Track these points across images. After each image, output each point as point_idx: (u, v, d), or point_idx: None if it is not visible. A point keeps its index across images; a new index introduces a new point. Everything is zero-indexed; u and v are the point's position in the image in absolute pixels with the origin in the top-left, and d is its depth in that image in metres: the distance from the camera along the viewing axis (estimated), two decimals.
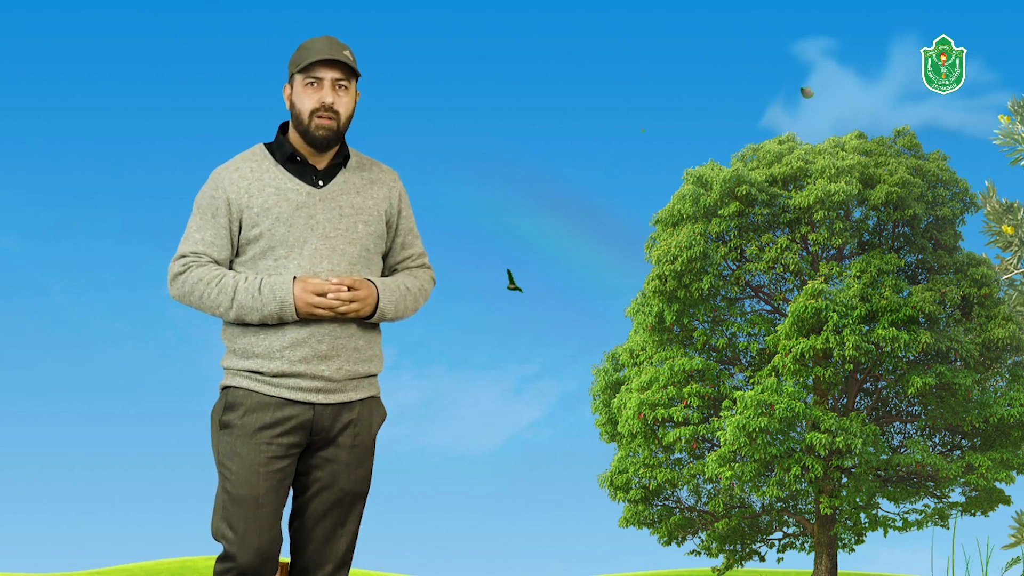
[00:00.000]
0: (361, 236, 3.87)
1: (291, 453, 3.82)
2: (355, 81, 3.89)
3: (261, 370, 3.80)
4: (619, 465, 24.47)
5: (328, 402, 3.83)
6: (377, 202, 3.92)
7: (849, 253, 24.47)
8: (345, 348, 3.83)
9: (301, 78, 3.84)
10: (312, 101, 3.82)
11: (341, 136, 3.87)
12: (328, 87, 3.83)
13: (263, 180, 3.85)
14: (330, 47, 3.83)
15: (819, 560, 23.83)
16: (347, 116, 3.86)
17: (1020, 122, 6.90)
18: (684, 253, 23.19)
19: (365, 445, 3.89)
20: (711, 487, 24.68)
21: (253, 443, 3.78)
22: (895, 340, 22.19)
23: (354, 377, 3.86)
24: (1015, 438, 23.42)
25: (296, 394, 3.80)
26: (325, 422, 3.83)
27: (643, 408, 23.31)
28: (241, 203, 3.83)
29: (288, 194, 3.84)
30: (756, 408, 21.98)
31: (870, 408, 24.23)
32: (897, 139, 25.39)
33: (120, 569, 34.90)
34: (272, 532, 3.81)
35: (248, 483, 3.77)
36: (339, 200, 3.87)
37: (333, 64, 3.83)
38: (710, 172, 24.08)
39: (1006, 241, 7.18)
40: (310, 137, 3.83)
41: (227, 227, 3.85)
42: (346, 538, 3.90)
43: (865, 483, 22.92)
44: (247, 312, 3.78)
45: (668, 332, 24.49)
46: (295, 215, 3.81)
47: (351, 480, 3.87)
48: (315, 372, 3.80)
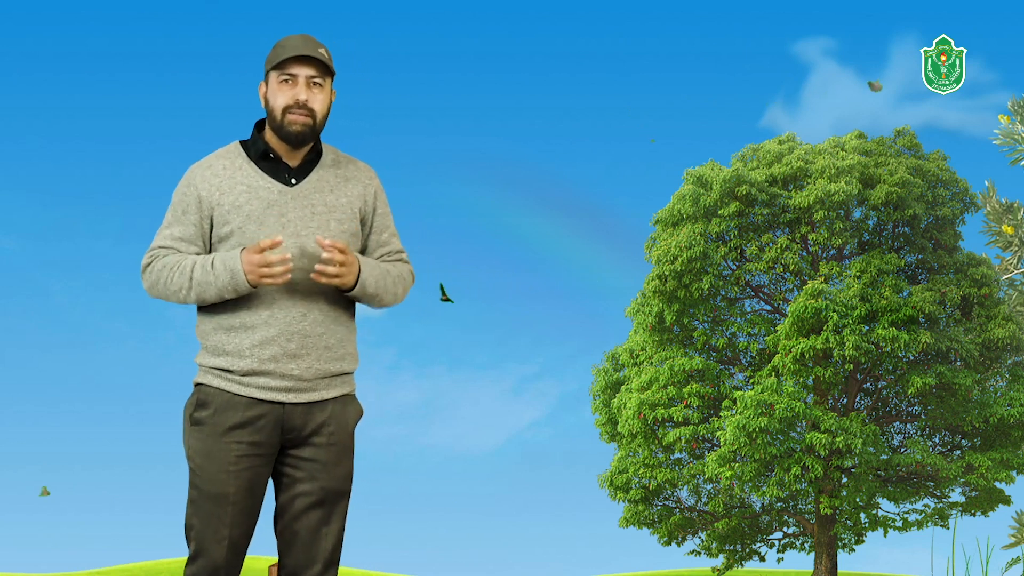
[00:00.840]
0: (334, 234, 3.83)
1: (263, 452, 3.80)
2: (330, 80, 3.87)
3: (231, 368, 3.79)
4: (619, 465, 24.47)
5: (299, 401, 3.80)
6: (351, 199, 3.90)
7: (849, 253, 24.47)
8: (315, 347, 3.80)
9: (276, 75, 3.82)
10: (286, 98, 3.80)
11: (316, 134, 3.85)
12: (302, 84, 3.81)
13: (235, 178, 3.84)
14: (305, 44, 3.81)
15: (819, 560, 23.83)
16: (322, 114, 3.84)
17: (1020, 122, 6.90)
18: (684, 253, 23.18)
19: (342, 443, 3.86)
20: (711, 487, 24.68)
21: (224, 442, 3.77)
22: (895, 340, 22.18)
23: (325, 376, 3.83)
24: (1015, 438, 23.42)
25: (266, 393, 3.78)
26: (296, 421, 3.81)
27: (643, 408, 23.31)
28: (212, 201, 3.82)
29: (260, 192, 3.82)
30: (756, 408, 21.98)
31: (870, 408, 24.22)
32: (897, 139, 25.38)
33: (120, 569, 34.90)
34: (242, 530, 3.80)
35: (218, 481, 3.76)
36: (312, 198, 3.84)
37: (307, 61, 3.81)
38: (710, 172, 24.08)
39: (1006, 241, 7.18)
40: (284, 133, 3.81)
41: (198, 224, 3.84)
42: (332, 537, 3.86)
43: (865, 483, 22.91)
44: (204, 288, 3.76)
45: (668, 332, 24.48)
46: (266, 213, 3.80)
47: (331, 479, 3.84)
48: (284, 371, 3.78)
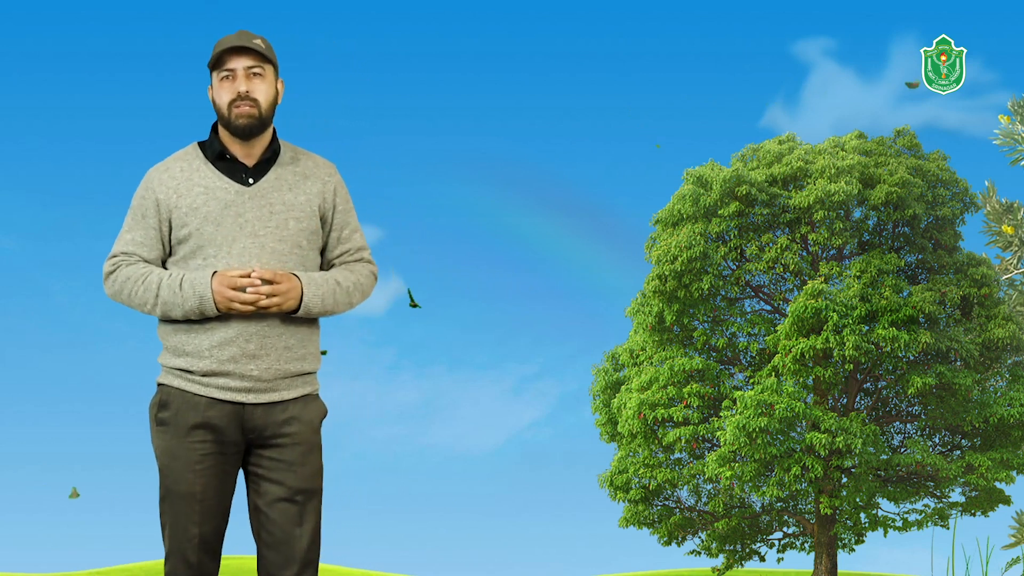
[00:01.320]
0: (292, 233, 3.82)
1: (228, 451, 3.81)
2: (272, 69, 3.86)
3: (191, 368, 3.79)
4: (619, 465, 24.46)
5: (258, 402, 3.80)
6: (310, 197, 3.88)
7: (849, 253, 24.46)
8: (275, 347, 3.79)
9: (216, 74, 3.83)
10: (228, 93, 3.81)
11: (265, 124, 3.84)
12: (242, 76, 3.81)
13: (192, 179, 3.84)
14: (239, 38, 3.83)
15: (819, 560, 23.83)
16: (267, 102, 3.83)
17: (1020, 122, 6.90)
18: (684, 253, 23.18)
19: (308, 442, 3.84)
20: (711, 487, 24.68)
21: (187, 442, 3.78)
22: (895, 340, 22.18)
23: (285, 376, 3.83)
24: (1015, 438, 23.41)
25: (225, 394, 3.79)
26: (257, 421, 3.81)
27: (643, 408, 23.30)
28: (170, 203, 3.83)
29: (216, 193, 3.81)
30: (756, 408, 21.98)
31: (870, 408, 24.22)
32: (897, 139, 25.37)
33: (120, 569, 34.90)
34: (212, 527, 3.81)
35: (185, 480, 3.78)
36: (269, 197, 3.83)
37: (243, 52, 3.81)
38: (710, 172, 24.07)
39: (1006, 241, 7.18)
40: (233, 128, 3.81)
41: (156, 227, 3.85)
42: (306, 537, 3.84)
43: (865, 483, 22.91)
44: (170, 308, 3.77)
45: (668, 332, 24.48)
46: (223, 214, 3.79)
47: (298, 478, 3.82)
48: (243, 371, 3.77)
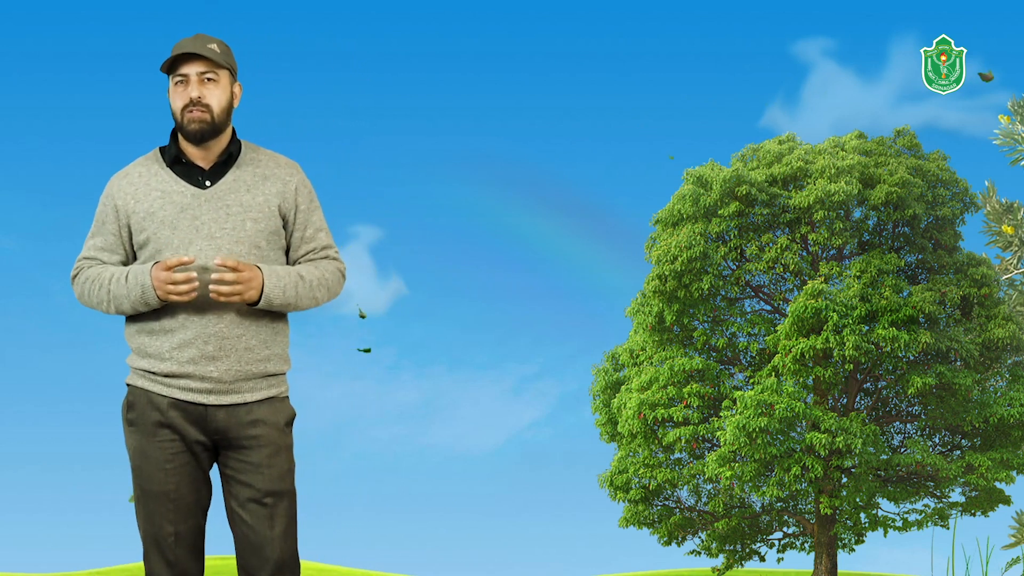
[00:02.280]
0: (250, 234, 3.81)
1: (195, 449, 3.81)
2: (226, 72, 3.85)
3: (153, 370, 3.80)
4: (619, 465, 24.46)
5: (220, 403, 3.79)
6: (268, 198, 3.86)
7: (849, 253, 24.46)
8: (235, 348, 3.78)
9: (171, 79, 3.83)
10: (181, 98, 3.81)
11: (218, 129, 3.83)
12: (194, 82, 3.80)
13: (150, 184, 3.84)
14: (193, 43, 3.81)
15: (819, 560, 23.83)
16: (220, 108, 3.82)
17: (1020, 122, 6.89)
18: (684, 253, 23.18)
19: (274, 443, 3.82)
20: (711, 487, 24.67)
21: (156, 441, 3.79)
22: (895, 340, 22.18)
23: (248, 378, 3.81)
24: (1015, 438, 23.41)
25: (187, 395, 3.79)
26: (220, 424, 3.80)
27: (643, 408, 23.30)
28: (128, 209, 3.84)
29: (173, 196, 3.81)
30: (756, 408, 21.97)
31: (870, 408, 24.21)
32: (897, 139, 25.37)
33: (120, 569, 34.89)
34: (188, 525, 3.82)
35: (158, 480, 3.79)
36: (226, 199, 3.82)
37: (195, 58, 3.80)
38: (710, 172, 24.07)
39: (1006, 241, 7.17)
40: (185, 132, 3.81)
41: (116, 233, 3.86)
42: (278, 541, 3.81)
43: (865, 483, 22.91)
44: (120, 301, 3.78)
45: (668, 332, 24.48)
46: (179, 217, 3.79)
47: (264, 480, 3.80)
48: (203, 373, 3.77)
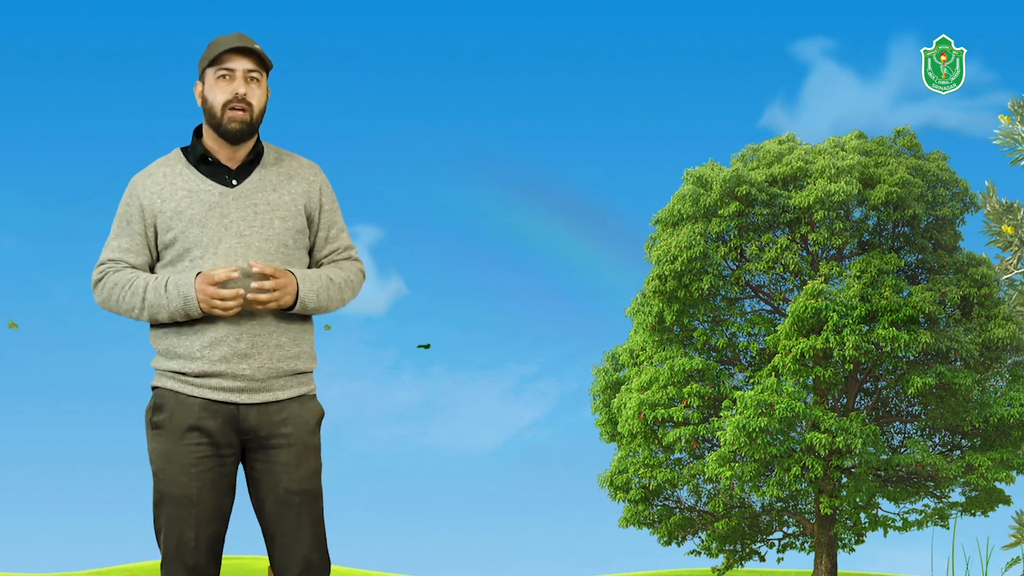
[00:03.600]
0: (278, 232, 3.79)
1: (224, 453, 3.77)
2: (266, 75, 3.83)
3: (183, 371, 3.77)
4: (619, 465, 24.46)
5: (252, 402, 3.77)
6: (295, 197, 3.85)
7: (849, 253, 24.46)
8: (266, 345, 3.76)
9: (213, 71, 3.79)
10: (225, 93, 3.77)
11: (254, 129, 3.81)
12: (240, 78, 3.77)
13: (175, 184, 3.81)
14: (240, 39, 3.79)
15: (819, 560, 23.82)
16: (259, 109, 3.80)
17: (1020, 122, 6.89)
18: (684, 253, 23.18)
19: (303, 443, 3.80)
20: (711, 487, 24.67)
21: (182, 444, 3.74)
22: (895, 340, 22.18)
23: (279, 375, 3.79)
24: (1015, 438, 23.41)
25: (219, 394, 3.75)
26: (252, 422, 3.77)
27: (643, 408, 23.30)
28: (154, 208, 3.80)
29: (200, 195, 3.79)
30: (756, 408, 21.97)
31: (870, 408, 24.21)
32: (897, 139, 25.37)
33: (120, 569, 34.89)
34: (209, 531, 3.77)
35: (180, 483, 3.74)
36: (253, 198, 3.80)
37: (245, 54, 3.77)
38: (710, 172, 24.07)
39: (1006, 241, 7.17)
40: (223, 130, 3.78)
41: (142, 233, 3.82)
42: (307, 540, 3.79)
43: (865, 483, 22.91)
44: (157, 311, 3.74)
45: (668, 332, 24.47)
46: (208, 216, 3.76)
47: (293, 480, 3.78)
48: (236, 371, 3.74)
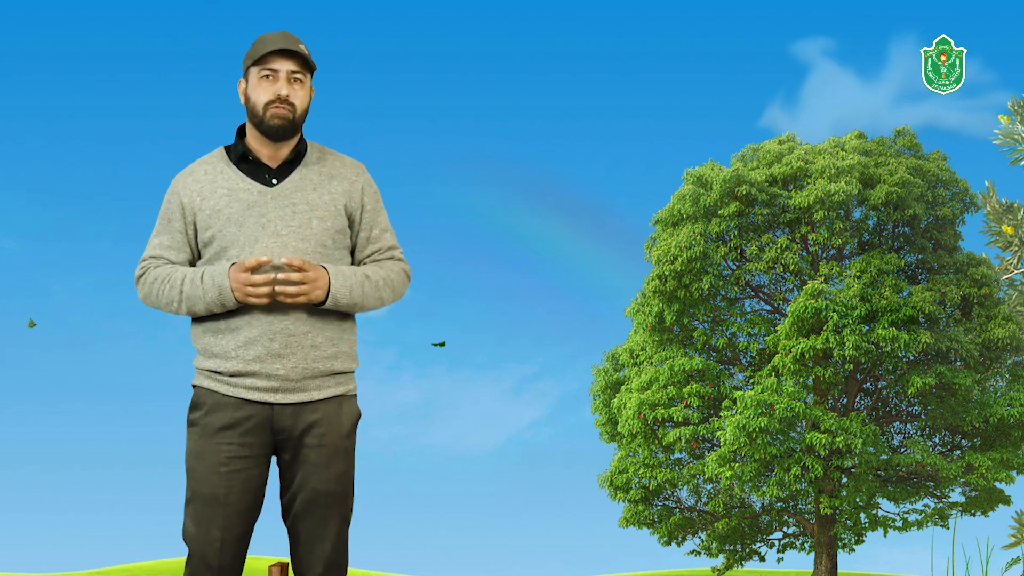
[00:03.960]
0: (316, 232, 3.80)
1: (256, 453, 3.79)
2: (310, 76, 3.85)
3: (219, 370, 3.79)
4: (619, 465, 24.46)
5: (287, 402, 3.77)
6: (335, 197, 3.86)
7: (849, 253, 24.46)
8: (301, 346, 3.76)
9: (256, 71, 3.81)
10: (267, 93, 3.79)
11: (297, 128, 3.83)
12: (283, 79, 3.79)
13: (216, 182, 3.84)
14: (285, 39, 3.80)
15: (819, 560, 23.82)
16: (302, 109, 3.82)
17: (1020, 122, 6.89)
18: (684, 253, 23.18)
19: (334, 445, 3.80)
20: (711, 487, 24.67)
21: (214, 443, 3.77)
22: (895, 340, 22.17)
23: (314, 376, 3.79)
24: (1015, 438, 23.41)
25: (253, 394, 3.77)
26: (286, 422, 3.78)
27: (643, 408, 23.30)
28: (194, 207, 3.83)
29: (240, 194, 3.81)
30: (756, 408, 21.97)
31: (870, 408, 24.21)
32: (897, 139, 25.37)
33: (120, 569, 34.89)
34: (236, 532, 3.78)
35: (209, 482, 3.76)
36: (292, 197, 3.82)
37: (288, 55, 3.79)
38: (710, 172, 24.07)
39: (1006, 241, 7.17)
40: (264, 128, 3.80)
41: (183, 231, 3.86)
42: (330, 540, 3.81)
43: (865, 483, 22.91)
44: (194, 302, 3.78)
45: (668, 332, 24.48)
46: (246, 215, 3.78)
47: (322, 481, 3.79)
48: (270, 371, 3.75)
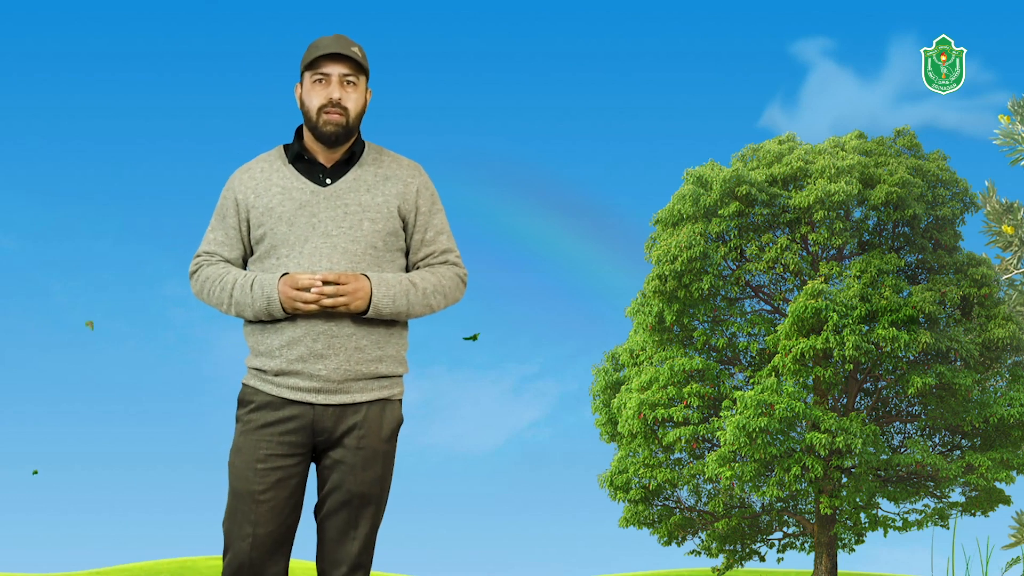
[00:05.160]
0: (367, 234, 3.81)
1: (296, 452, 3.80)
2: (364, 78, 3.86)
3: (264, 368, 3.81)
4: (619, 465, 24.46)
5: (328, 403, 3.79)
6: (388, 199, 3.86)
7: (849, 253, 24.46)
8: (344, 347, 3.77)
9: (309, 75, 3.83)
10: (320, 98, 3.81)
11: (351, 132, 3.85)
12: (336, 83, 3.81)
13: (271, 180, 3.86)
14: (337, 43, 3.82)
15: (819, 560, 23.82)
16: (356, 112, 3.83)
17: (1020, 122, 6.89)
18: (684, 253, 23.17)
19: (372, 448, 3.82)
20: (711, 487, 24.67)
21: (253, 439, 3.79)
22: (895, 340, 22.17)
23: (358, 378, 3.81)
24: (1015, 438, 23.41)
25: (295, 394, 3.78)
26: (327, 423, 3.80)
27: (643, 408, 23.30)
28: (248, 203, 3.86)
29: (293, 193, 3.83)
30: (756, 408, 21.97)
31: (870, 408, 24.21)
32: (897, 139, 25.37)
33: (120, 569, 34.89)
34: (270, 528, 3.79)
35: (245, 478, 3.78)
36: (345, 198, 3.83)
37: (340, 59, 3.81)
38: (710, 172, 24.06)
39: (1006, 241, 7.17)
40: (318, 133, 3.82)
41: (236, 227, 3.88)
42: (358, 541, 3.84)
43: (865, 483, 22.90)
44: (242, 308, 3.80)
45: (668, 332, 24.48)
46: (297, 214, 3.80)
47: (357, 483, 3.81)
48: (312, 371, 3.76)
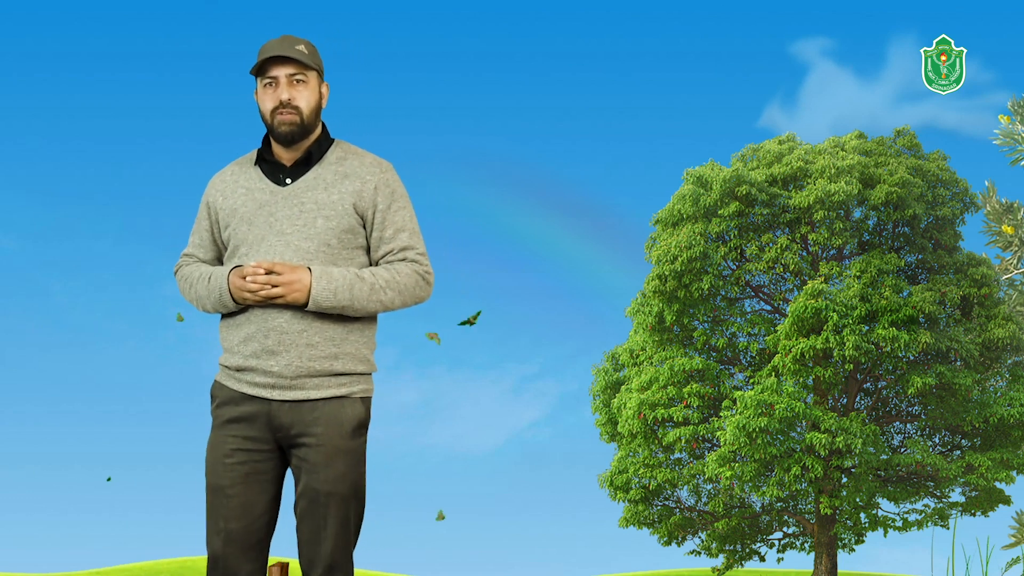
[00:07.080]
0: (320, 231, 3.83)
1: (260, 448, 3.83)
2: (316, 74, 3.90)
3: (228, 364, 3.88)
4: (619, 465, 24.46)
5: (283, 399, 3.80)
6: (343, 196, 3.87)
7: (849, 253, 24.46)
8: (295, 344, 3.79)
9: (260, 80, 3.90)
10: (271, 100, 3.87)
11: (308, 129, 3.89)
12: (284, 84, 3.85)
13: (238, 182, 3.95)
14: (281, 45, 3.86)
15: (819, 560, 23.82)
16: (310, 109, 3.87)
17: (1020, 122, 6.89)
18: (684, 253, 23.18)
19: (333, 445, 3.80)
20: (711, 487, 24.68)
21: (221, 435, 3.85)
22: (895, 340, 22.17)
23: (311, 375, 3.80)
24: (1015, 438, 23.41)
25: (253, 389, 3.82)
26: (284, 419, 3.81)
27: (643, 408, 23.30)
28: (217, 205, 3.96)
29: (255, 194, 3.91)
30: (756, 408, 21.97)
31: (870, 408, 24.21)
32: (897, 139, 25.37)
33: (120, 569, 34.89)
34: (242, 524, 3.81)
35: (215, 473, 3.84)
36: (302, 196, 3.87)
37: (285, 61, 3.85)
38: (710, 172, 24.07)
39: (1006, 241, 7.17)
40: (276, 134, 3.88)
41: (208, 230, 4.00)
42: (330, 541, 3.81)
43: (865, 483, 22.91)
44: (204, 302, 3.91)
45: (668, 332, 24.48)
46: (257, 214, 3.87)
47: (320, 481, 3.79)
48: (265, 367, 3.80)
